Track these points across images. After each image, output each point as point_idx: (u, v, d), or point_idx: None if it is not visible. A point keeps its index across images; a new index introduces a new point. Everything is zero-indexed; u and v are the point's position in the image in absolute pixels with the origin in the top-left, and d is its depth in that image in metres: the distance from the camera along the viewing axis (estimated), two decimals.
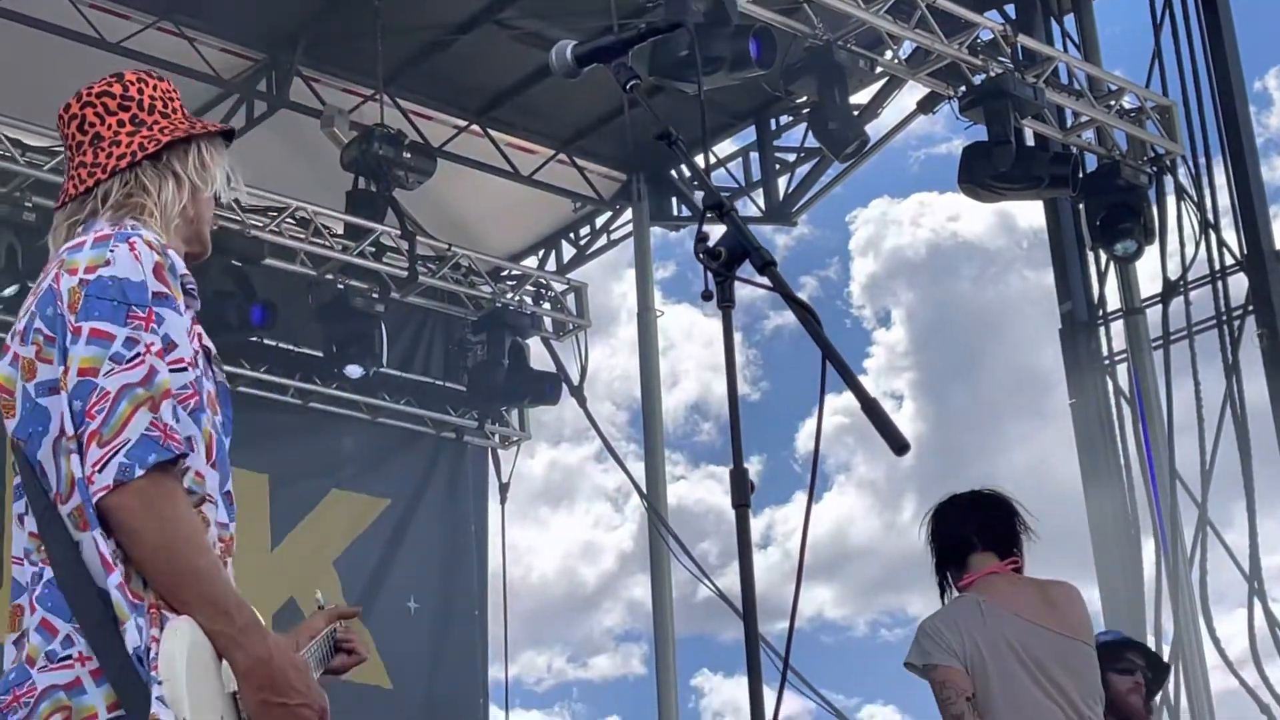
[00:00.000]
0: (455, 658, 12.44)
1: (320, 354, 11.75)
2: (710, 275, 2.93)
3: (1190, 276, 11.86)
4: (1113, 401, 12.16)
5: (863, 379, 2.78)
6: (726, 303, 2.94)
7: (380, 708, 11.78)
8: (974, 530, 5.07)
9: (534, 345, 12.91)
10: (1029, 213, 13.31)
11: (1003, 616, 4.86)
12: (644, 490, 12.54)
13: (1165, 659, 11.36)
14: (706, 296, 2.95)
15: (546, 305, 13.10)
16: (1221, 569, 11.66)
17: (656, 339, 13.15)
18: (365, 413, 12.35)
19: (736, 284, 2.99)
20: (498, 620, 12.82)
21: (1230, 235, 11.68)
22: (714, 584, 11.67)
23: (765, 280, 2.88)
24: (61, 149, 3.91)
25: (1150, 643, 11.74)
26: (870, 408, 2.71)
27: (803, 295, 2.92)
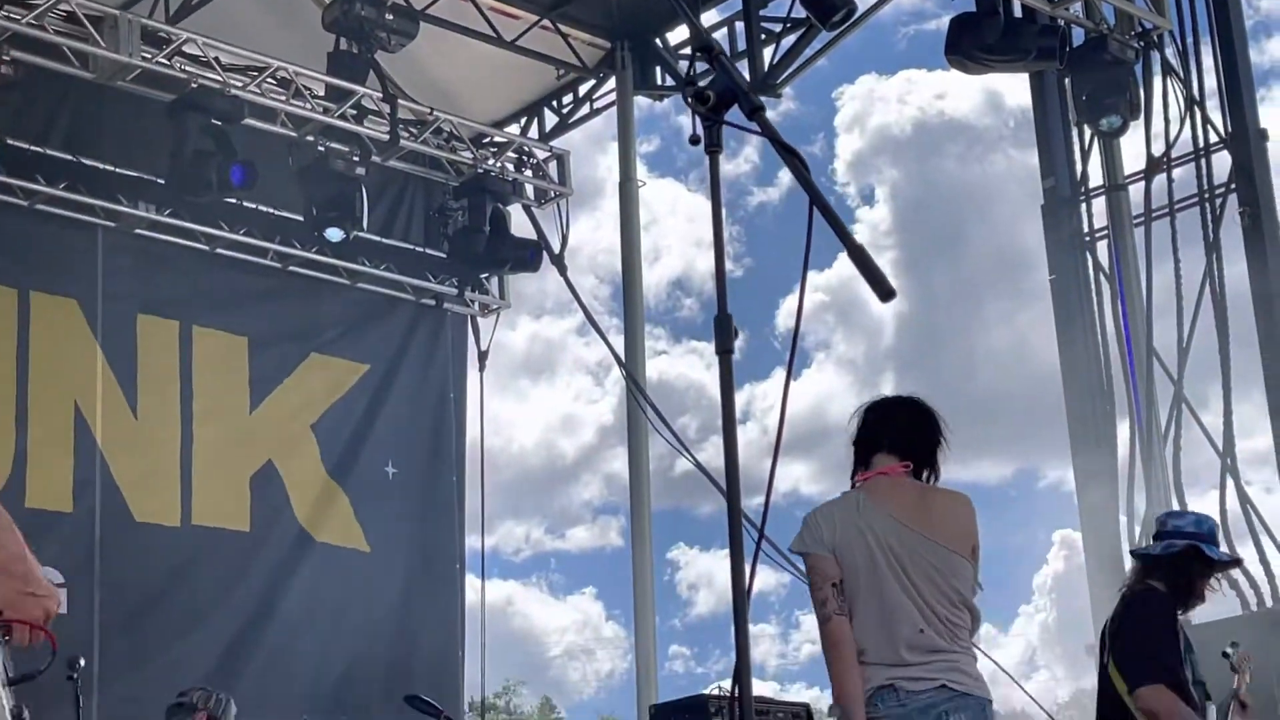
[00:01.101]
0: (432, 525, 12.49)
1: (300, 217, 11.68)
2: (698, 119, 2.91)
3: (1174, 154, 11.84)
4: (1092, 278, 12.18)
5: (843, 257, 2.76)
6: (714, 147, 2.92)
7: (357, 571, 11.85)
8: (882, 431, 5.20)
9: (515, 213, 12.86)
10: (1016, 91, 13.29)
11: (877, 515, 5.01)
12: (623, 362, 12.55)
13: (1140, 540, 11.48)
14: (694, 141, 2.92)
15: (528, 173, 13.03)
16: (1196, 450, 11.73)
17: (637, 209, 13.10)
18: (345, 277, 12.30)
19: (724, 140, 2.96)
20: (476, 489, 12.88)
21: (1215, 114, 11.65)
22: (693, 456, 11.71)
23: (754, 125, 2.86)
24: None
25: (1122, 522, 11.85)
26: (857, 254, 2.70)
27: (785, 173, 2.89)
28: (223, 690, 8.90)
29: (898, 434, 5.20)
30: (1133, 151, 12.22)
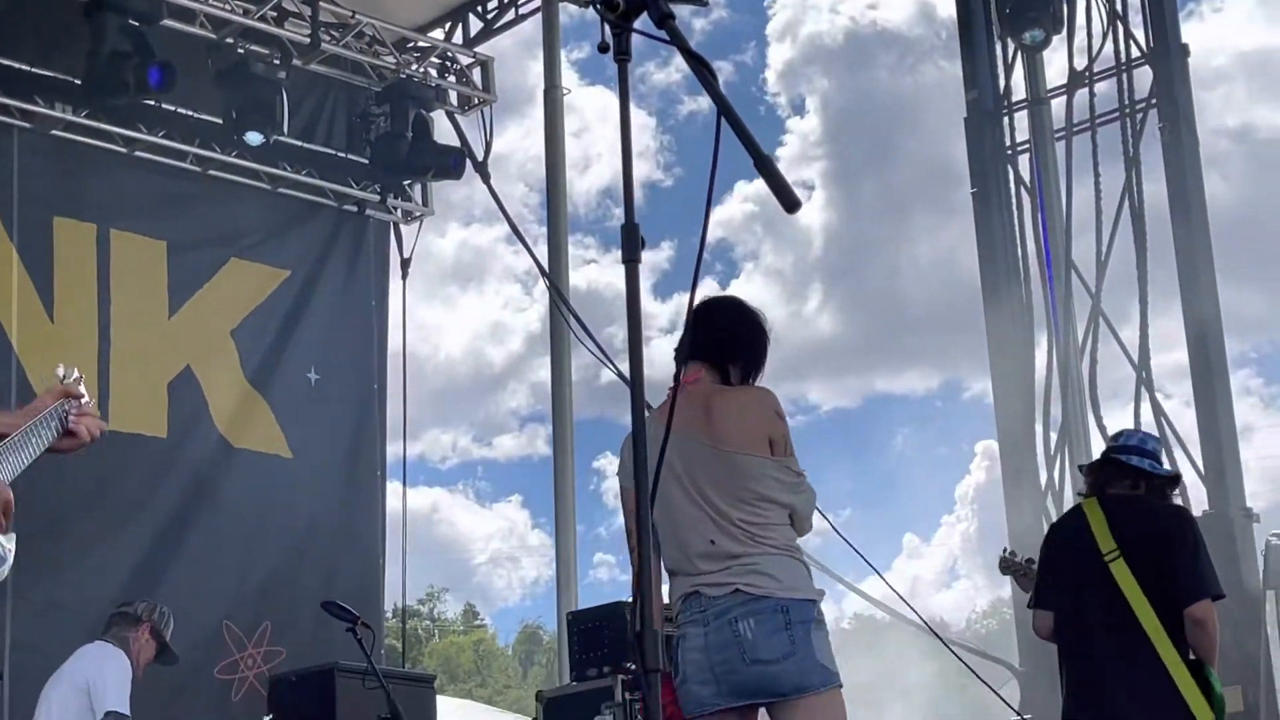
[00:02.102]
0: (354, 432, 12.47)
1: (219, 120, 11.55)
2: (607, 27, 2.89)
3: (1096, 69, 11.88)
4: (1013, 192, 12.24)
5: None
6: (623, 55, 2.91)
7: (279, 476, 11.83)
8: (689, 339, 5.06)
9: (439, 119, 12.77)
10: (947, 2, 13.21)
11: (662, 430, 4.92)
12: (546, 271, 12.52)
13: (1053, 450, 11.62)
14: (603, 49, 2.91)
15: (452, 79, 12.93)
16: (1113, 364, 11.86)
17: (562, 117, 13.04)
18: (265, 182, 12.20)
19: (636, 43, 2.94)
20: (400, 396, 12.86)
21: (1138, 29, 11.69)
22: (614, 366, 11.67)
23: (662, 33, 2.85)
24: None
25: (1038, 432, 11.98)
26: (763, 164, 2.70)
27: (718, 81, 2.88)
28: (149, 598, 8.92)
29: (701, 339, 5.09)
30: (1056, 66, 12.28)
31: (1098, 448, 11.47)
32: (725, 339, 5.15)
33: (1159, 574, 5.94)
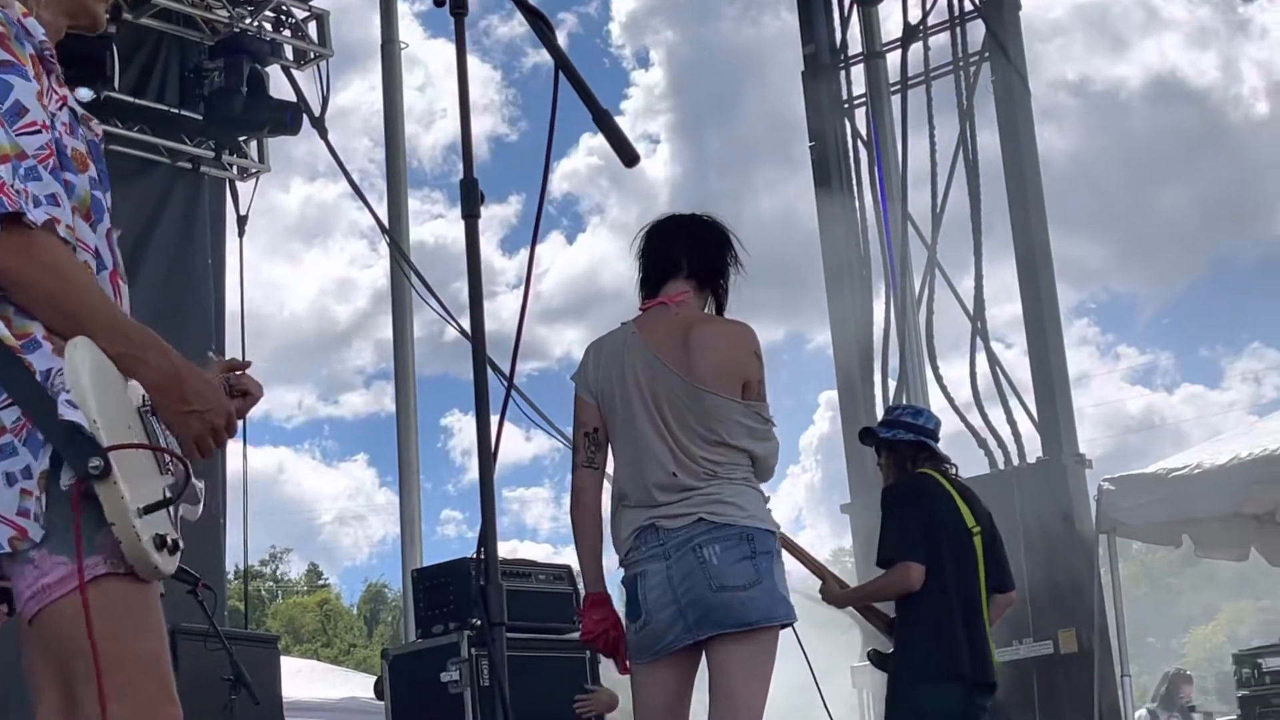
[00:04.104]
0: None
1: None
2: None
3: (930, 22, 12.02)
4: (851, 145, 12.36)
5: (619, 121, 2.76)
6: (459, 9, 2.88)
7: None
8: (667, 254, 5.01)
9: (274, 74, 12.58)
10: None
11: (641, 351, 4.89)
12: (387, 227, 12.42)
13: (894, 401, 11.78)
14: (439, 2, 2.88)
15: (287, 33, 12.74)
16: (949, 315, 12.05)
17: (400, 72, 12.94)
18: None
19: None
20: (241, 356, 12.68)
21: None
22: (457, 322, 11.66)
23: None
24: None
25: (877, 383, 12.14)
26: (601, 119, 2.70)
27: (561, 34, 2.87)
28: None
29: (687, 256, 5.01)
30: (892, 19, 12.40)
31: (935, 398, 11.68)
32: (706, 260, 5.04)
33: (995, 559, 6.65)
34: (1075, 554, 10.55)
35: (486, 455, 2.60)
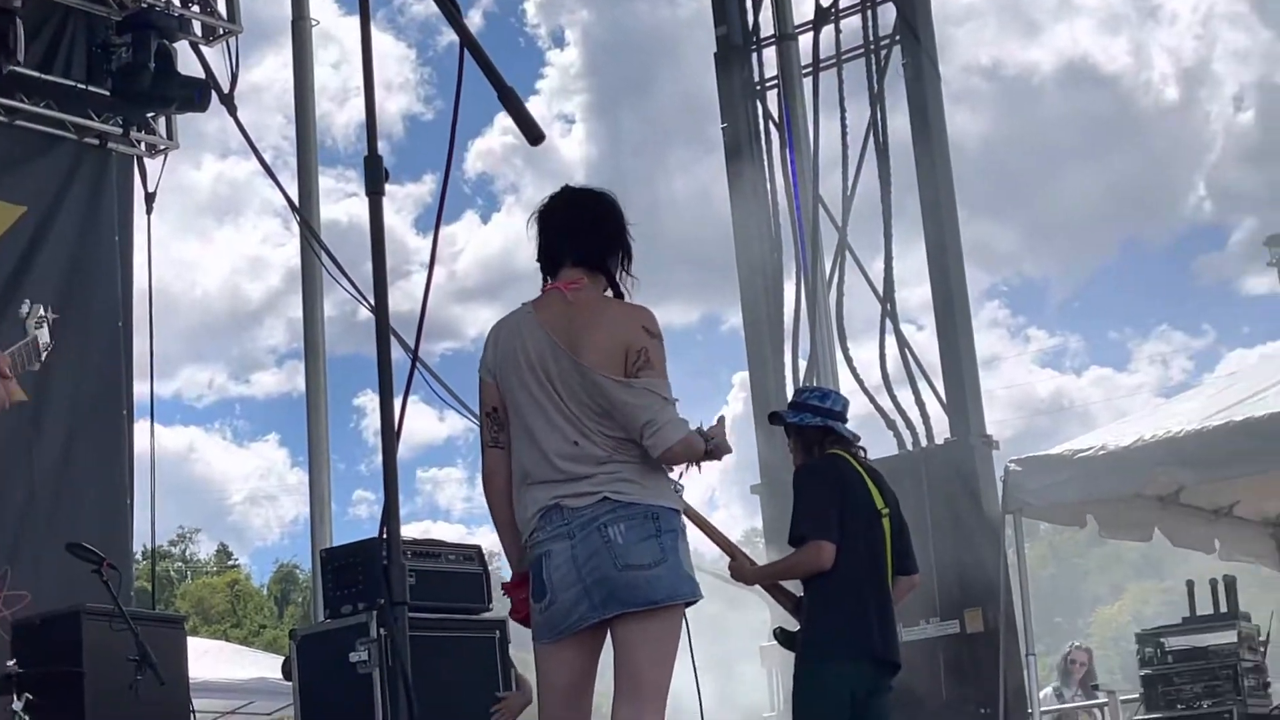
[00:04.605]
0: (99, 371, 12.14)
1: None
2: None
3: (842, 5, 12.07)
4: (763, 128, 12.40)
5: (534, 101, 2.76)
6: None
7: (17, 420, 11.48)
8: (560, 239, 5.00)
9: (183, 50, 12.44)
10: None
11: (535, 330, 4.88)
12: (297, 206, 12.32)
13: (804, 384, 11.84)
14: None
15: (195, 8, 12.59)
16: (859, 298, 12.12)
17: (311, 49, 12.81)
18: (1, 115, 11.78)
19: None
20: (148, 334, 12.56)
21: None
22: (367, 301, 11.60)
23: None
24: None
25: (787, 364, 12.20)
26: (506, 98, 2.70)
27: (476, 13, 2.86)
28: None
29: (574, 242, 4.98)
30: (805, 2, 12.42)
31: (845, 379, 11.74)
32: (595, 243, 5.00)
33: (901, 541, 6.80)
34: (982, 534, 10.66)
35: (390, 433, 2.60)
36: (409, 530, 9.33)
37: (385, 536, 2.67)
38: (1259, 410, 9.47)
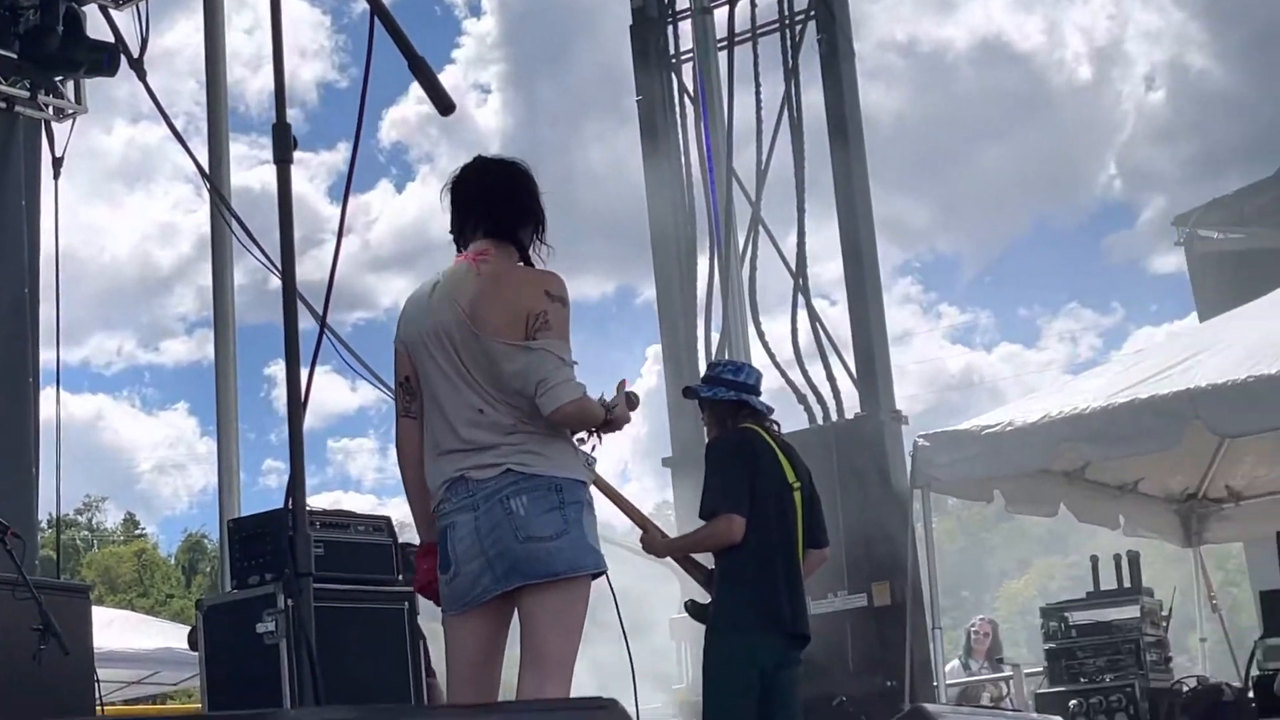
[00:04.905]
0: (3, 338, 11.99)
1: None
2: None
3: None
4: (677, 100, 12.39)
5: (449, 70, 2.74)
6: None
7: None
8: (469, 211, 5.00)
9: (92, 14, 12.27)
10: None
11: (444, 298, 4.87)
12: (207, 172, 12.20)
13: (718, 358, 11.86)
14: None
15: None
16: (772, 272, 12.14)
17: (223, 13, 12.67)
18: None
19: None
20: (54, 300, 12.40)
21: None
22: (278, 270, 11.49)
23: None
24: None
25: (700, 338, 12.21)
26: (416, 66, 2.68)
27: None
28: None
29: (484, 213, 4.97)
30: None
31: (757, 353, 11.78)
32: (506, 213, 4.98)
33: (812, 515, 6.88)
34: (890, 509, 10.73)
35: (295, 402, 2.58)
36: (319, 501, 9.31)
37: (290, 507, 2.66)
38: (1164, 388, 9.58)
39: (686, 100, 12.34)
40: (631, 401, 5.02)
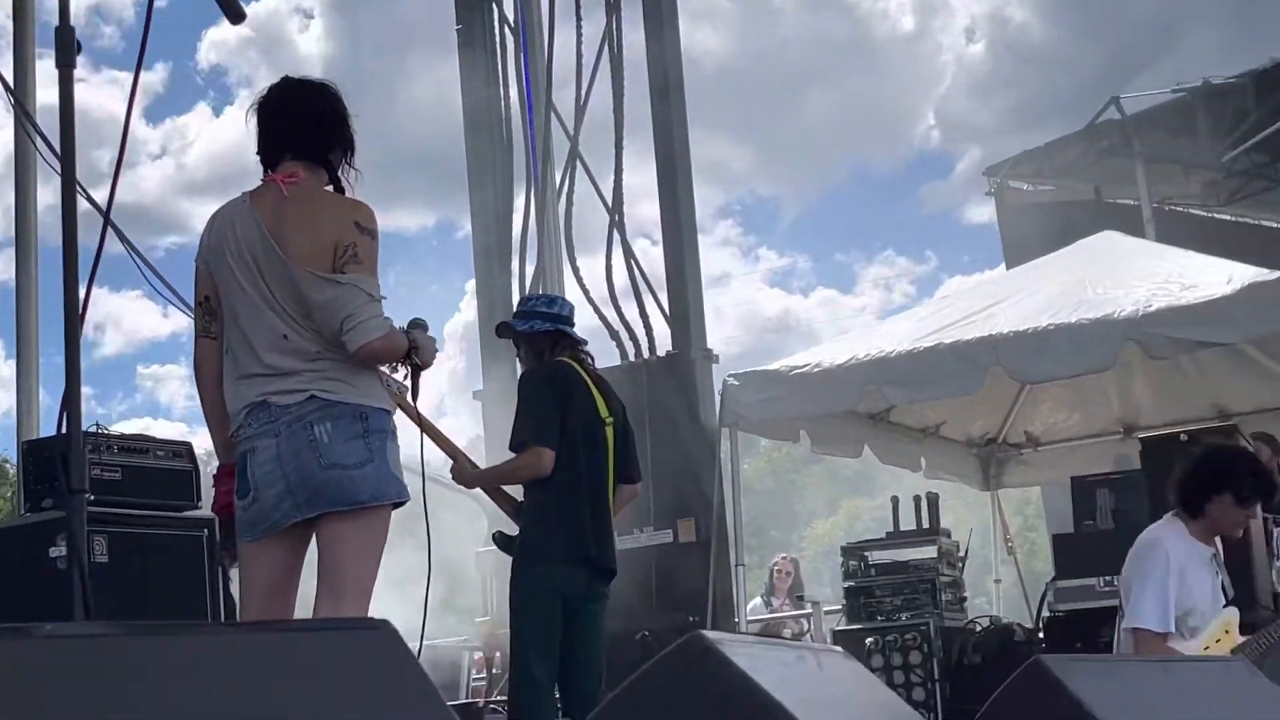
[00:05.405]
0: None
1: None
2: None
3: None
4: (498, 32, 12.29)
5: None
6: None
7: None
8: (278, 133, 4.93)
9: None
10: None
11: (249, 219, 4.80)
12: (11, 87, 11.85)
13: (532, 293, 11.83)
14: None
15: None
16: (589, 210, 12.13)
17: None
18: None
19: None
20: None
21: None
22: (86, 193, 11.20)
23: None
24: None
25: (515, 273, 12.17)
26: None
27: None
28: None
29: (293, 135, 4.90)
30: None
31: (572, 290, 11.77)
32: (315, 136, 4.91)
33: (625, 450, 6.94)
34: (698, 446, 10.81)
35: (73, 318, 2.52)
36: (127, 428, 9.10)
37: (63, 424, 2.60)
38: (968, 334, 9.76)
39: (508, 32, 12.24)
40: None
